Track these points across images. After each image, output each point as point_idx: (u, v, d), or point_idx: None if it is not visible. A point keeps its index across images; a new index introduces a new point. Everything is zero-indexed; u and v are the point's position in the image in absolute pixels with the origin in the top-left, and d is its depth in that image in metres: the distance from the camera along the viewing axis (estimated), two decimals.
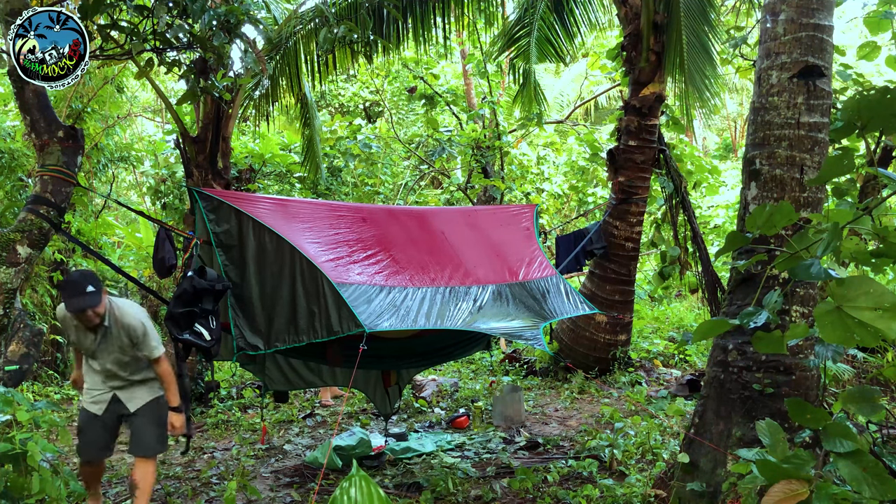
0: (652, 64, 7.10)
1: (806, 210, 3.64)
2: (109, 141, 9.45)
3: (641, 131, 7.25)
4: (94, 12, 3.76)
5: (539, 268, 5.00)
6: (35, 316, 8.03)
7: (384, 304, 3.95)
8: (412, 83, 11.29)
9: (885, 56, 5.81)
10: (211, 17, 3.94)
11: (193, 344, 3.95)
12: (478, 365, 8.95)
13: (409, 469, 5.03)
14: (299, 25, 7.45)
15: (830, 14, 3.79)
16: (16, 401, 3.56)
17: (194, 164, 6.73)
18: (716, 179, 11.20)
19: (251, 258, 4.07)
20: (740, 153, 15.14)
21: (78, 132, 4.12)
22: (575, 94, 15.65)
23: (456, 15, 7.97)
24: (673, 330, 10.09)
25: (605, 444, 5.05)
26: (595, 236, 7.26)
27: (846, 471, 2.05)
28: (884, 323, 1.87)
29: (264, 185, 11.31)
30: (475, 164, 10.57)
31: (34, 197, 3.97)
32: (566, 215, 14.42)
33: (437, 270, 4.48)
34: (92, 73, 8.37)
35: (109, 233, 10.29)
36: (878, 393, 2.28)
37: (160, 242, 4.50)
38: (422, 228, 4.91)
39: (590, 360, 7.60)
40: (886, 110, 2.01)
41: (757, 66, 3.92)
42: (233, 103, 6.73)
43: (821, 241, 2.05)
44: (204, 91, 4.55)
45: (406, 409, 6.89)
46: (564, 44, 8.37)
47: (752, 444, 3.23)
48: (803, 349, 3.62)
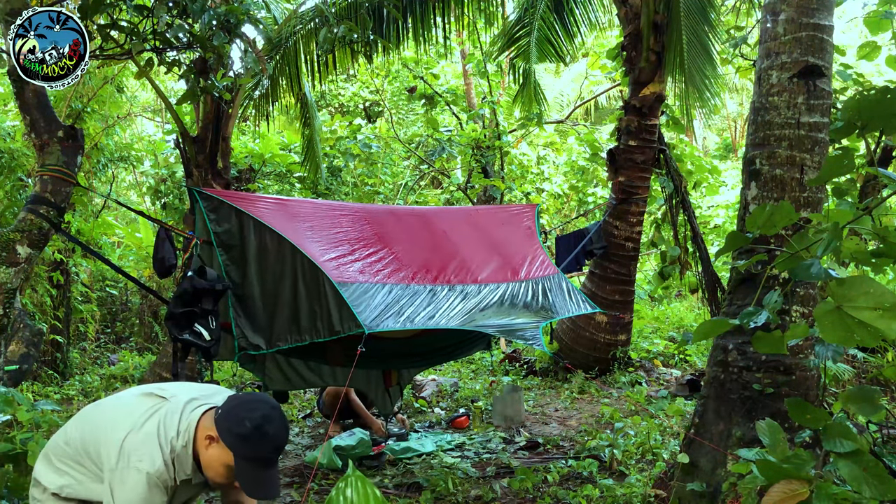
0: (652, 64, 7.10)
1: (806, 210, 3.64)
2: (109, 141, 9.44)
3: (641, 131, 7.25)
4: (94, 12, 3.76)
5: (541, 266, 4.99)
6: (35, 316, 8.03)
7: (386, 301, 3.95)
8: (412, 83, 11.29)
9: (885, 56, 5.81)
10: (211, 17, 3.94)
11: (193, 344, 3.95)
12: (478, 365, 8.95)
13: (408, 469, 5.03)
14: (299, 25, 7.45)
15: (830, 14, 3.79)
16: (16, 401, 3.55)
17: (194, 164, 6.73)
18: (716, 179, 11.21)
19: (252, 257, 4.08)
20: (740, 153, 15.14)
21: (78, 132, 4.12)
22: (575, 94, 15.64)
23: (456, 15, 7.97)
24: (673, 330, 10.09)
25: (605, 444, 5.05)
26: (595, 236, 7.25)
27: (846, 471, 2.05)
28: (884, 323, 1.87)
29: (264, 185, 11.32)
30: (475, 164, 10.57)
31: (34, 197, 3.97)
32: (566, 215, 14.42)
33: (439, 269, 4.48)
34: (92, 73, 8.36)
35: (109, 233, 10.29)
36: (878, 393, 2.28)
37: (160, 242, 4.50)
38: (423, 227, 4.91)
39: (590, 360, 7.60)
40: (886, 110, 2.01)
41: (757, 66, 3.92)
42: (233, 103, 6.73)
43: (821, 241, 2.05)
44: (204, 91, 4.55)
45: (406, 409, 6.89)
46: (564, 44, 8.36)
47: (752, 444, 3.23)
48: (803, 349, 3.62)
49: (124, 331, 11.05)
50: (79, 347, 9.51)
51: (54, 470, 2.29)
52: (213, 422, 2.16)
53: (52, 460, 2.31)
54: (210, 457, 2.16)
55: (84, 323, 9.75)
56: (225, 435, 2.11)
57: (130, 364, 8.73)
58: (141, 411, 2.24)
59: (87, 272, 9.89)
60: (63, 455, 2.29)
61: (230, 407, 2.16)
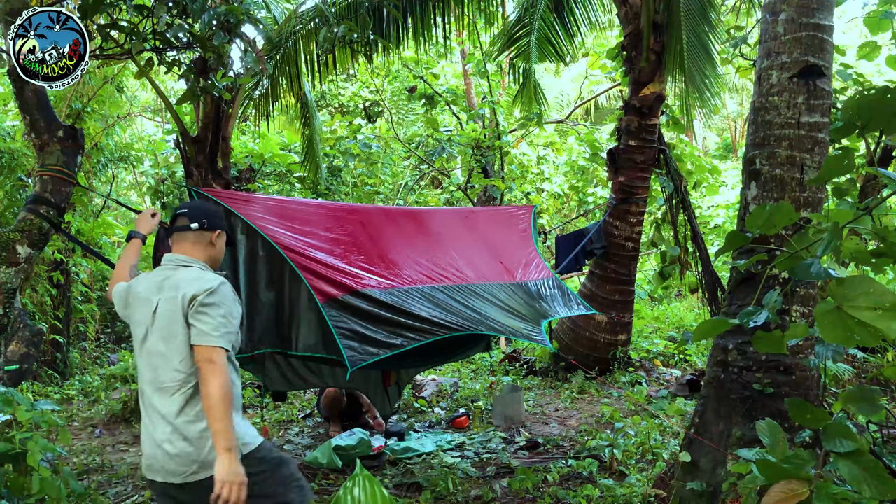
0: (652, 64, 7.10)
1: (806, 210, 3.64)
2: (109, 141, 9.44)
3: (641, 131, 7.25)
4: (94, 12, 3.76)
5: (536, 269, 5.00)
6: (35, 316, 8.03)
7: (377, 315, 3.88)
8: (412, 83, 11.29)
9: (885, 56, 5.80)
10: (211, 17, 3.94)
11: None
12: (478, 365, 8.95)
13: (408, 469, 5.03)
14: (299, 25, 7.44)
15: (831, 14, 3.79)
16: (16, 401, 3.55)
17: (194, 163, 6.72)
18: (716, 179, 11.20)
19: (242, 260, 4.08)
20: (740, 153, 15.14)
21: (78, 132, 4.12)
22: (575, 94, 15.64)
23: (456, 15, 7.96)
24: (673, 330, 10.09)
25: (605, 444, 5.05)
26: (595, 236, 7.26)
27: (846, 471, 2.05)
28: (884, 323, 1.86)
29: (264, 185, 11.31)
30: (475, 163, 10.57)
31: (34, 197, 3.97)
32: (566, 215, 14.42)
33: (434, 271, 4.48)
34: (92, 73, 8.37)
35: (109, 233, 10.28)
36: (878, 393, 2.28)
37: (160, 242, 4.49)
38: (419, 230, 4.90)
39: (590, 360, 7.60)
40: (886, 110, 2.01)
41: (757, 66, 3.92)
42: (233, 103, 6.72)
43: (821, 241, 2.05)
44: (204, 91, 4.55)
45: (406, 409, 6.89)
46: (564, 44, 8.36)
47: (752, 444, 3.23)
48: (803, 349, 3.62)
49: (124, 331, 11.05)
50: (79, 347, 9.51)
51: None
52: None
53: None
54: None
55: (84, 323, 9.76)
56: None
57: (130, 364, 8.72)
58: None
59: (87, 272, 9.90)
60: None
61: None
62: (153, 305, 2.42)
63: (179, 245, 2.56)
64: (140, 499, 4.53)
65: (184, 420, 2.34)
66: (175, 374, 2.35)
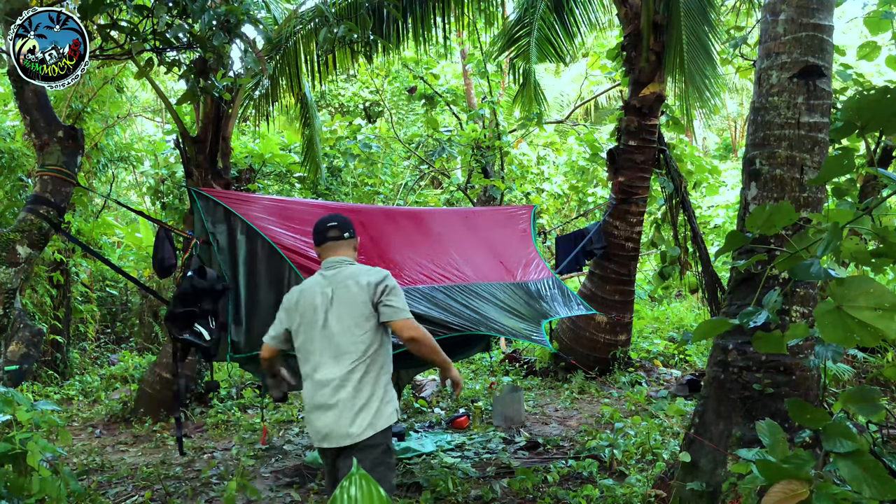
0: (652, 64, 7.10)
1: (806, 210, 3.64)
2: (109, 141, 9.44)
3: (641, 131, 7.25)
4: (94, 12, 3.76)
5: (535, 269, 5.00)
6: (35, 316, 8.03)
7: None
8: (412, 83, 11.29)
9: (885, 56, 5.81)
10: (211, 17, 3.94)
11: (193, 344, 3.95)
12: (478, 365, 8.95)
13: (408, 469, 5.03)
14: (299, 25, 7.45)
15: (830, 14, 3.79)
16: (16, 401, 3.55)
17: (194, 164, 6.73)
18: (716, 179, 11.21)
19: (242, 260, 4.08)
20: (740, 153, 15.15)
21: (78, 132, 4.12)
22: (575, 94, 15.66)
23: (456, 15, 7.96)
24: (673, 330, 10.09)
25: (605, 444, 5.05)
26: (595, 236, 7.25)
27: (846, 471, 2.05)
28: (884, 323, 1.86)
29: (264, 185, 11.31)
30: (475, 164, 10.57)
31: (34, 197, 3.97)
32: (566, 215, 14.43)
33: (434, 273, 4.48)
34: (92, 73, 8.37)
35: (109, 233, 10.29)
36: (878, 393, 2.28)
37: (160, 242, 4.50)
38: (419, 231, 4.90)
39: (590, 361, 7.60)
40: (886, 110, 2.01)
41: (757, 66, 3.92)
42: (233, 103, 6.73)
43: (821, 241, 2.05)
44: (204, 91, 4.55)
45: (406, 409, 6.89)
46: (564, 44, 8.36)
47: (752, 444, 3.23)
48: (803, 349, 3.62)
49: (124, 331, 11.06)
50: (79, 347, 9.52)
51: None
52: None
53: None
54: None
55: (84, 323, 9.76)
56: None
57: (130, 364, 8.73)
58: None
59: (87, 272, 9.90)
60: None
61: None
62: (328, 296, 2.94)
63: (335, 250, 3.07)
64: (140, 499, 4.53)
65: (357, 381, 2.85)
66: (359, 345, 2.87)
